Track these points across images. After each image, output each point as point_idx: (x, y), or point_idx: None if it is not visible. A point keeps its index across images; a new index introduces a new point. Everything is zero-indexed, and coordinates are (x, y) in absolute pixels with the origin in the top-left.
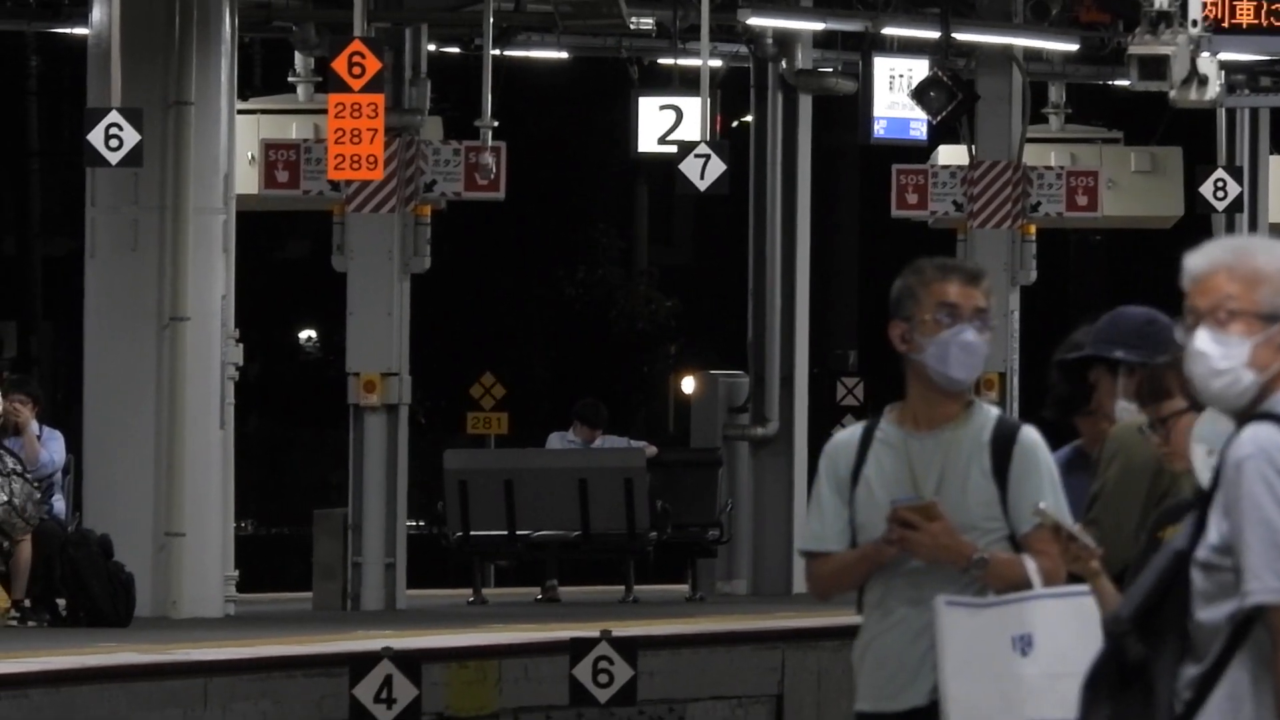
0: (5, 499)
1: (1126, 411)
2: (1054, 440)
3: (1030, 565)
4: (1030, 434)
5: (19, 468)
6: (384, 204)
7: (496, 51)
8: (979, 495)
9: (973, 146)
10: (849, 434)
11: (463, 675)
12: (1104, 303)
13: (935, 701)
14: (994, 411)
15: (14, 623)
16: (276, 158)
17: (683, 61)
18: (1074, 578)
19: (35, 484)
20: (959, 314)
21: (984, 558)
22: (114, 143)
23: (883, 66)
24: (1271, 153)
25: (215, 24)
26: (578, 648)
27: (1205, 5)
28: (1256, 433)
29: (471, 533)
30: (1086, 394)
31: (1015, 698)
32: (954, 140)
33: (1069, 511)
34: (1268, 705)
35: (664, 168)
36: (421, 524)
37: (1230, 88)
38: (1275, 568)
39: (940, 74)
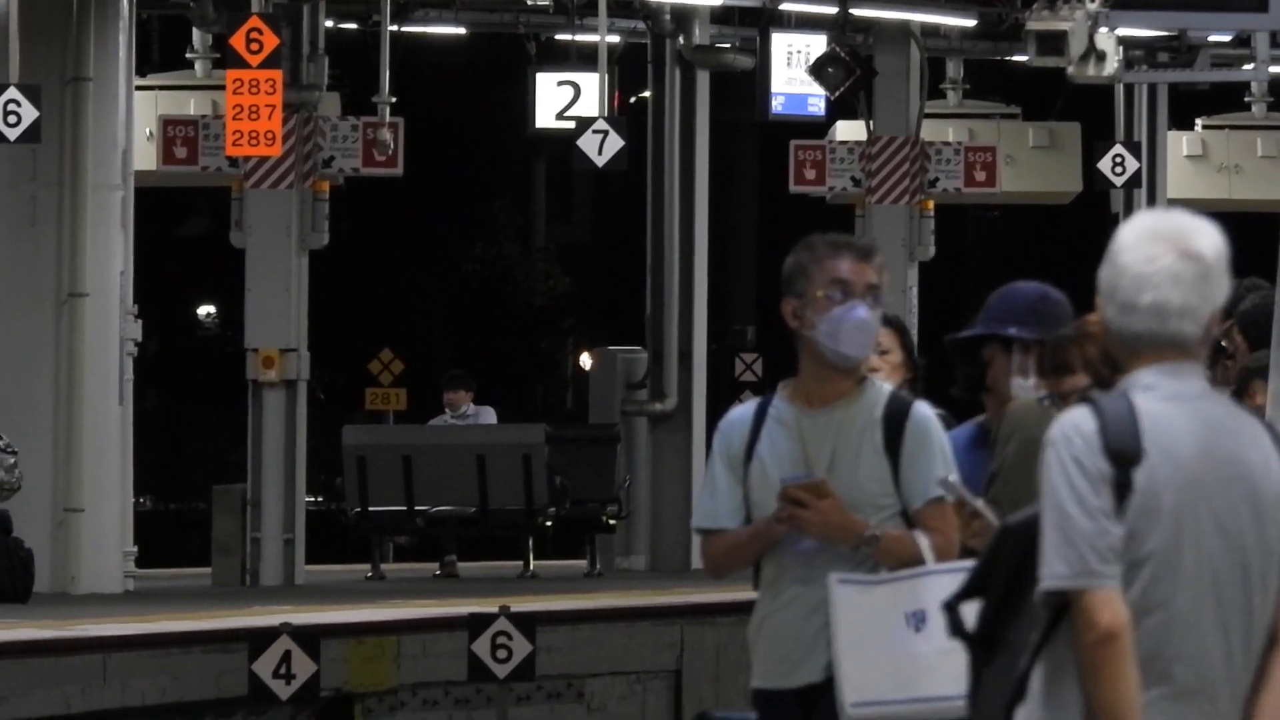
0: None
1: (1023, 389)
2: (962, 418)
3: (923, 541)
4: (922, 410)
5: None
6: (282, 180)
7: (394, 27)
8: (871, 472)
9: (871, 122)
10: (742, 411)
11: (361, 651)
12: (1002, 278)
13: (830, 678)
14: (886, 388)
15: None
16: (175, 134)
17: (580, 37)
18: (967, 553)
19: (10, 451)
20: (851, 290)
21: (875, 535)
22: (12, 119)
23: (780, 42)
24: (1169, 128)
25: (113, 0)
26: (476, 623)
27: None
28: (1068, 416)
29: (370, 508)
30: (981, 372)
31: (909, 674)
32: (852, 116)
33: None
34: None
35: (562, 144)
36: (320, 500)
37: (1128, 63)
38: (1063, 554)
39: (838, 50)
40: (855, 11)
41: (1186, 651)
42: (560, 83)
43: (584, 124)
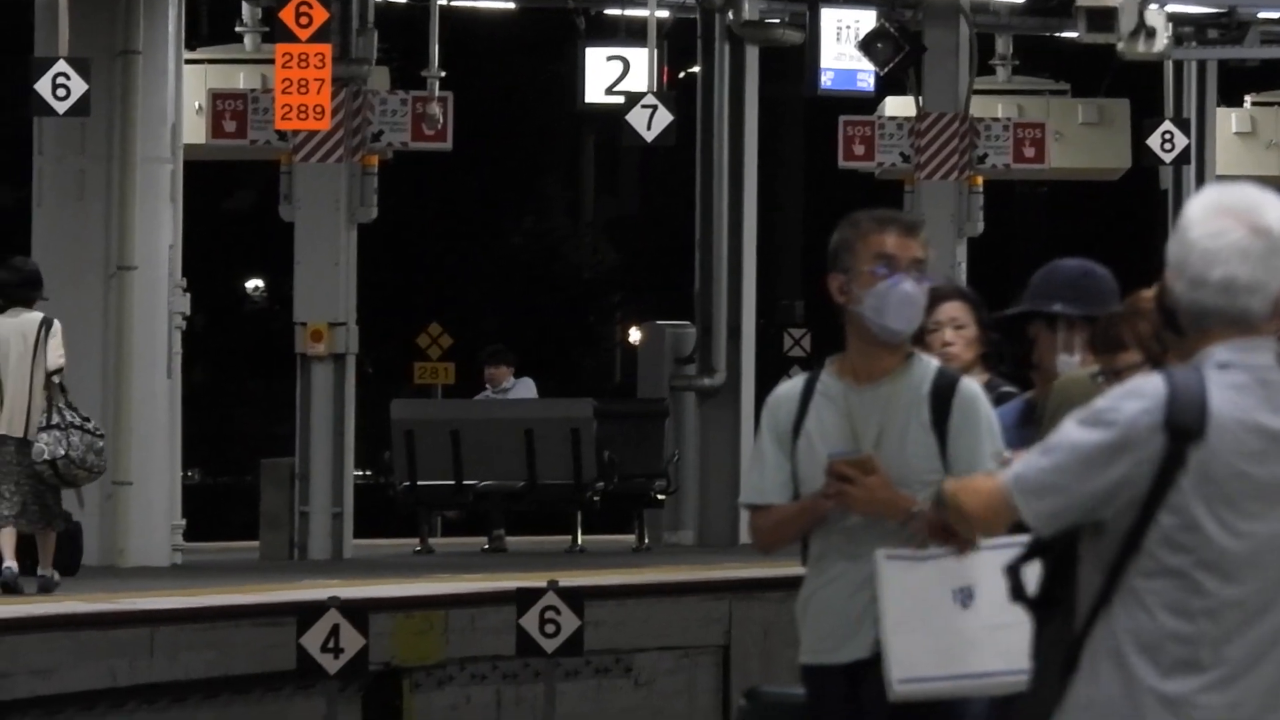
0: (63, 452)
1: (1068, 365)
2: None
3: None
4: (969, 385)
5: (77, 419)
6: (331, 154)
7: (444, 1)
8: (918, 447)
9: (920, 98)
10: (790, 386)
11: (409, 625)
12: (1050, 255)
13: (878, 654)
14: (934, 363)
15: None
16: (224, 108)
17: (630, 12)
18: (1016, 529)
19: (98, 434)
20: (896, 265)
21: (923, 511)
22: (61, 92)
23: (830, 18)
24: (1219, 105)
25: None
26: (524, 598)
27: None
28: (1139, 379)
29: (418, 483)
30: (1028, 350)
31: (956, 650)
32: (901, 92)
33: None
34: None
35: (611, 119)
36: (368, 474)
37: (1178, 40)
38: (1041, 491)
39: (887, 25)
40: None
41: (1239, 637)
42: (609, 57)
43: (633, 99)
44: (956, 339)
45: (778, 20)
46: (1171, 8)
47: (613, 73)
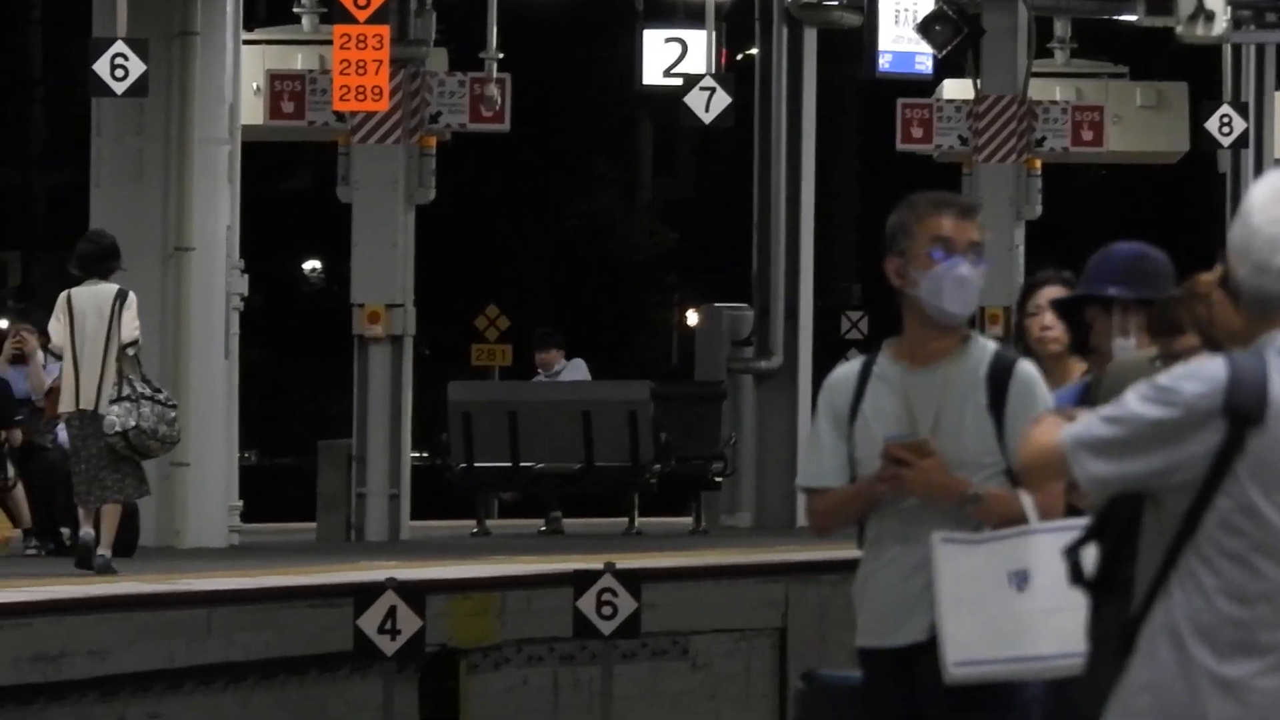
0: (134, 423)
1: (1124, 348)
2: None
3: (1026, 500)
4: (1027, 368)
5: (148, 390)
6: (389, 135)
7: None
8: (976, 430)
9: (978, 81)
10: (847, 369)
11: (466, 607)
12: (1107, 238)
13: (933, 638)
14: (990, 345)
15: (33, 552)
16: (282, 89)
17: None
18: (1072, 512)
19: (169, 404)
20: (953, 248)
21: (978, 494)
22: (119, 73)
23: (888, 0)
24: (1277, 88)
25: None
26: (581, 580)
27: None
28: (1200, 361)
29: (475, 465)
30: (1085, 333)
31: (1012, 633)
32: (959, 74)
33: None
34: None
35: (668, 100)
36: (425, 455)
37: (1236, 23)
38: (1106, 452)
39: (945, 8)
40: None
41: None
42: (668, 39)
43: (691, 80)
44: (1056, 324)
45: (836, 2)
46: None
47: (671, 54)
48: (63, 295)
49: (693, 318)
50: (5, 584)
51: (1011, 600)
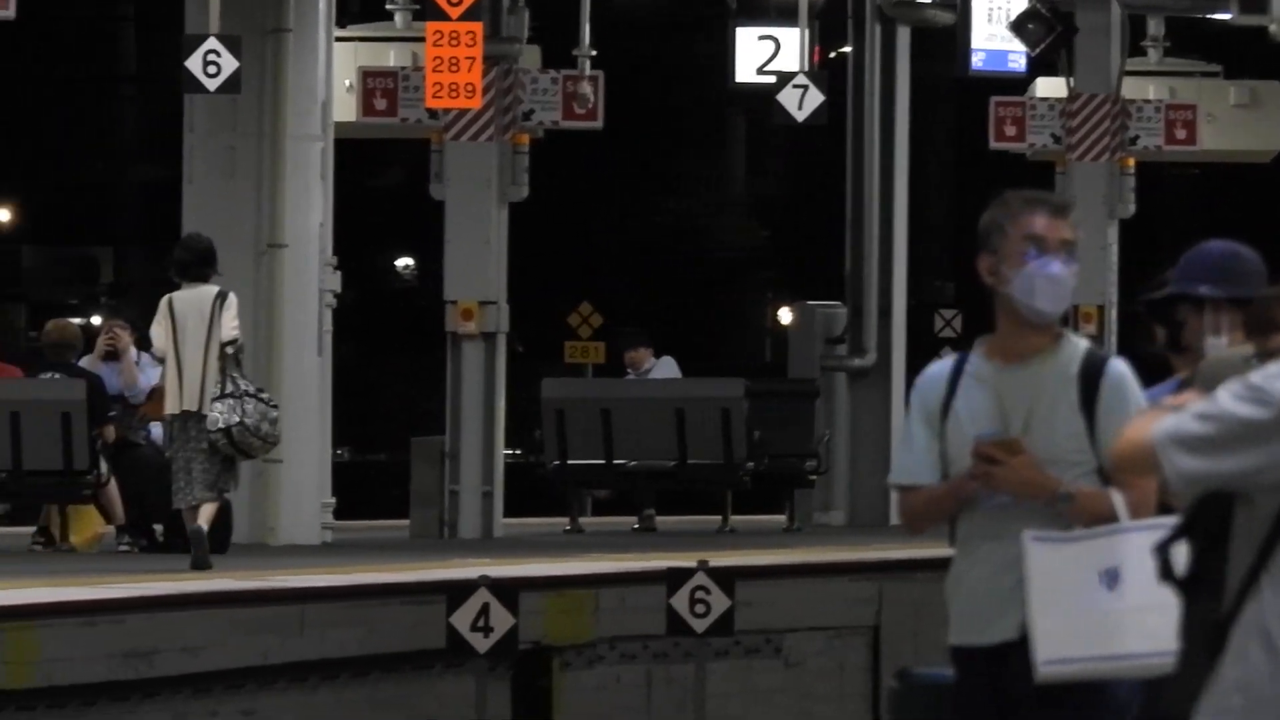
0: (238, 419)
1: (1215, 347)
2: (1162, 375)
3: (1117, 498)
4: (1118, 366)
5: (250, 388)
6: (482, 132)
7: None
8: (1067, 428)
9: (1071, 79)
10: (939, 367)
11: (560, 604)
12: (1200, 237)
13: (1025, 636)
14: (1083, 344)
15: (125, 548)
16: (374, 85)
17: None
18: (1164, 509)
19: (271, 404)
20: (1046, 246)
21: (1070, 492)
22: (212, 69)
23: None
24: None
25: None
26: (675, 577)
27: None
28: None
29: (568, 462)
30: (1177, 332)
31: (1102, 631)
32: (1052, 73)
33: None
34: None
35: (761, 98)
36: (518, 452)
37: None
38: (1200, 449)
39: (1039, 6)
40: None
41: None
42: (760, 37)
43: (784, 79)
44: None
45: (929, 0)
46: None
47: (764, 52)
48: (164, 299)
49: (786, 315)
50: (98, 580)
51: (1102, 598)
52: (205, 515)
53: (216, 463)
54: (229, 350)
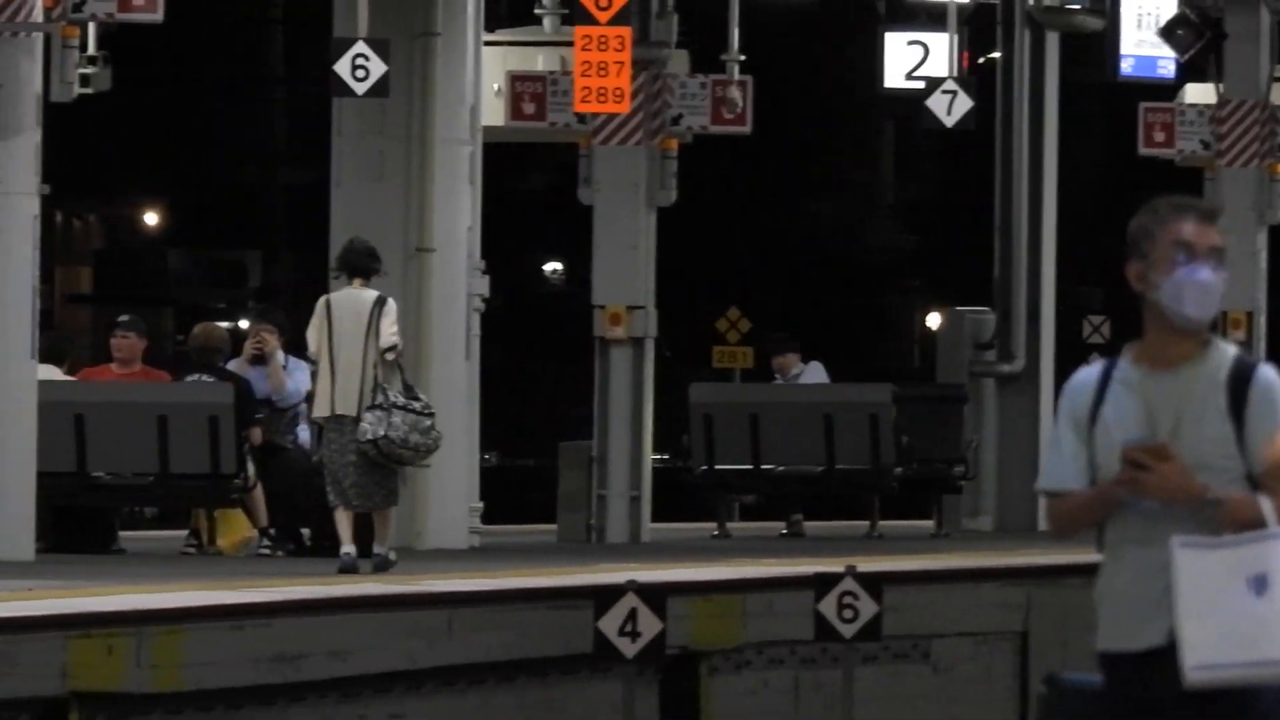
0: (383, 433)
1: None
2: None
3: (1266, 505)
4: (1268, 373)
5: (400, 399)
6: (630, 137)
7: None
8: (1215, 434)
9: (1220, 85)
10: (1088, 373)
11: (707, 609)
12: None
13: (1173, 641)
14: (1231, 350)
15: (266, 551)
16: (523, 90)
17: None
18: None
19: (424, 412)
20: (1194, 252)
21: (1218, 498)
22: (360, 73)
23: (1130, 4)
24: None
25: None
26: (823, 582)
27: None
28: None
29: (716, 466)
30: None
31: (1251, 637)
32: (1201, 79)
33: None
34: None
35: (910, 103)
36: (666, 457)
37: None
38: None
39: (1188, 12)
40: None
41: None
42: (909, 42)
43: (933, 84)
44: None
45: (1078, 6)
46: None
47: (913, 57)
48: (321, 300)
49: (934, 320)
50: (245, 584)
51: (1250, 604)
52: (381, 519)
53: (371, 470)
54: (389, 357)
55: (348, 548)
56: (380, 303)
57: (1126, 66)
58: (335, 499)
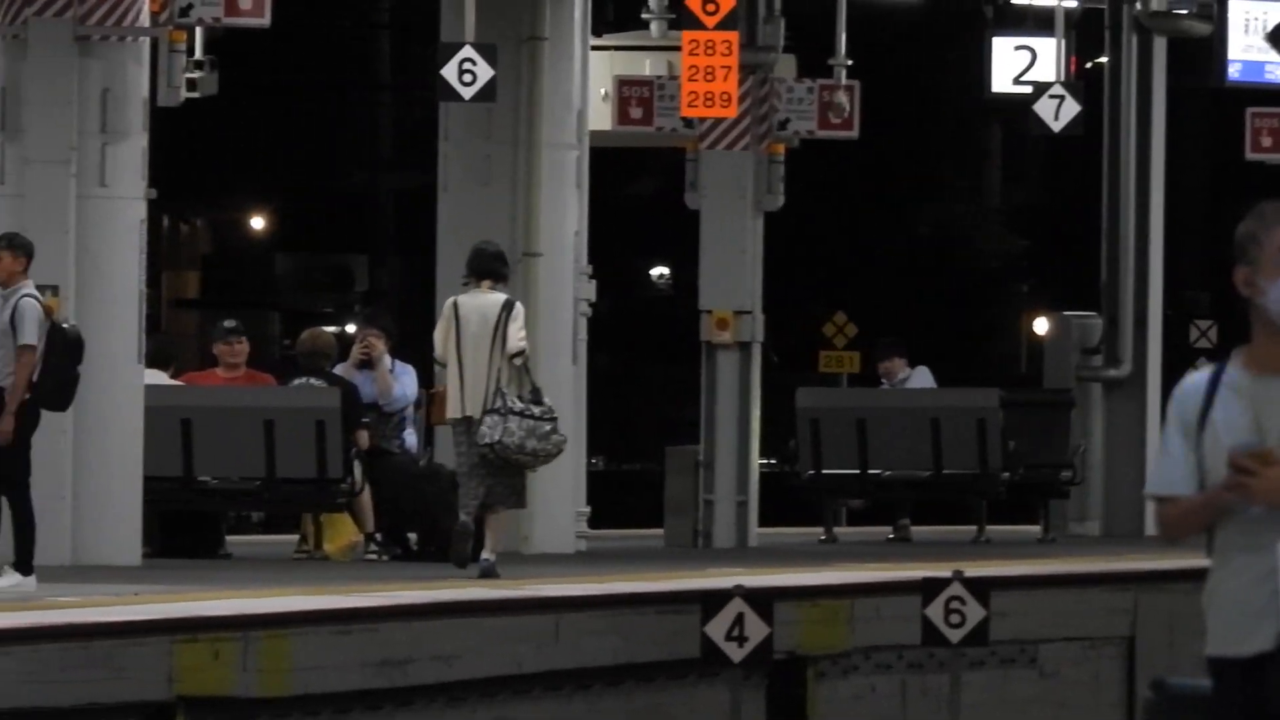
0: (498, 438)
1: None
2: None
3: None
4: None
5: (518, 405)
6: (737, 141)
7: None
8: None
9: None
10: (1197, 378)
11: (814, 614)
12: None
13: None
14: None
15: (372, 556)
16: (630, 94)
17: (1037, 2)
18: None
19: (545, 417)
20: None
21: None
22: (467, 78)
23: (1238, 9)
24: None
25: None
26: (930, 588)
27: None
28: None
29: (823, 471)
30: None
31: None
32: None
33: None
34: None
35: (1017, 107)
36: (773, 462)
37: None
38: None
39: None
40: None
41: None
42: (1017, 47)
43: (1040, 88)
44: None
45: (1185, 11)
46: None
47: (1020, 62)
48: (449, 302)
49: (1042, 325)
50: (352, 588)
51: None
52: (493, 524)
53: (497, 471)
54: (516, 362)
55: (488, 555)
56: (508, 306)
57: (1234, 71)
58: (465, 499)
